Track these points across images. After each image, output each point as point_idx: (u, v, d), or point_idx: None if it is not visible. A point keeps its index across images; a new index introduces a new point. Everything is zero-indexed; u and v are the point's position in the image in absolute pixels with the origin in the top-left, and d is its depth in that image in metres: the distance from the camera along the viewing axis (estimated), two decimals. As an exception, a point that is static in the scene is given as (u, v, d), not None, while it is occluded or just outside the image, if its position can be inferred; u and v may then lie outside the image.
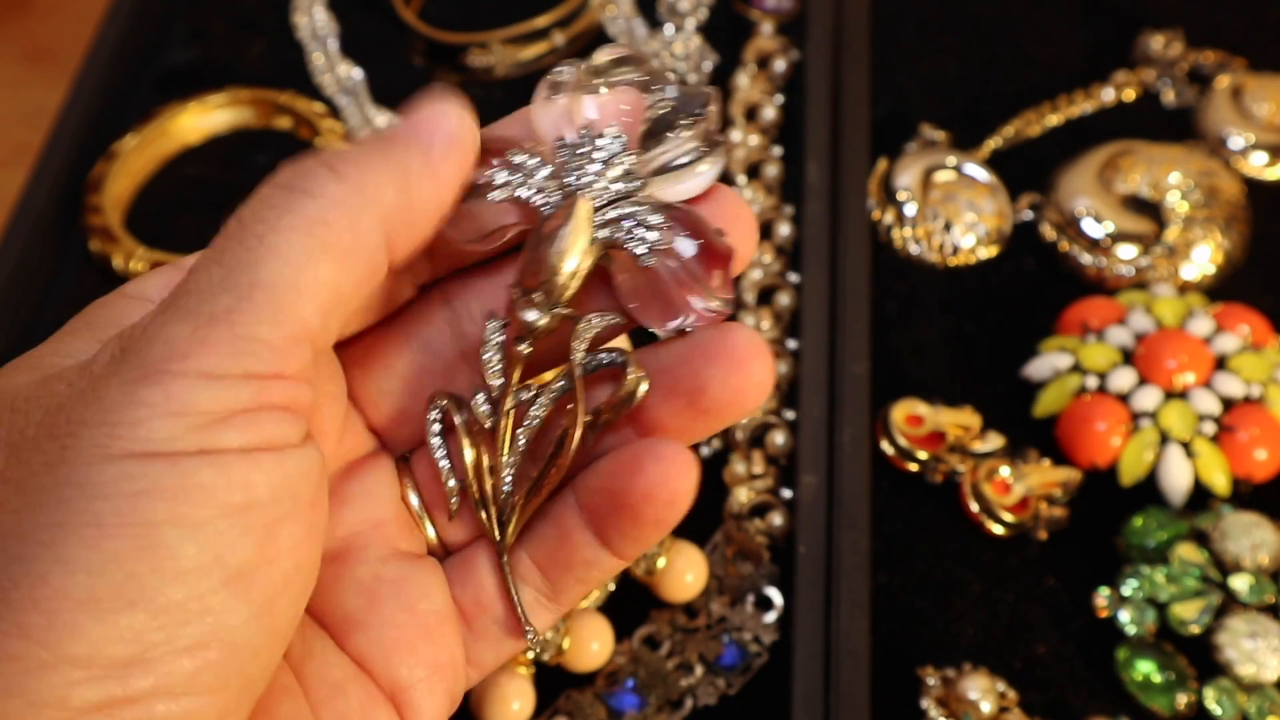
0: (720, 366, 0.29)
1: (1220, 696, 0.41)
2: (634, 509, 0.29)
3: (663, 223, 0.29)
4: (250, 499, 0.25)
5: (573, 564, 0.31)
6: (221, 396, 0.25)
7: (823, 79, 0.56)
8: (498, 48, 0.59)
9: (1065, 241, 0.53)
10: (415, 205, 0.28)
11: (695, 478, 0.29)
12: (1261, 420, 0.46)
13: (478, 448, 0.31)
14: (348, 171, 0.27)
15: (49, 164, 0.55)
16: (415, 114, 0.29)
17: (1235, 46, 0.59)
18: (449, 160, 0.29)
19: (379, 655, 0.30)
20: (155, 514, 0.24)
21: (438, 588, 0.31)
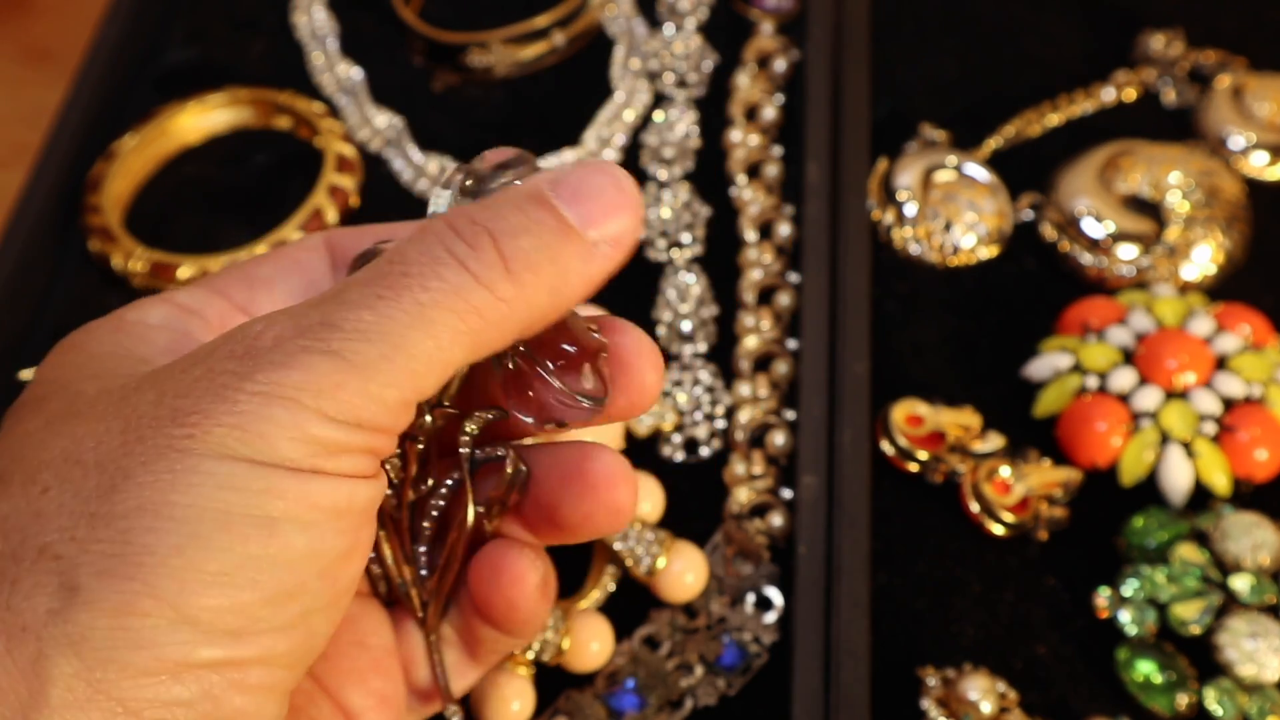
0: (573, 490, 0.32)
1: (1221, 697, 0.41)
2: (498, 613, 0.34)
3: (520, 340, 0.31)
4: (344, 509, 0.28)
5: (479, 640, 0.35)
6: (338, 436, 0.27)
7: (823, 79, 0.56)
8: (498, 48, 0.59)
9: (1065, 241, 0.53)
10: (554, 310, 0.29)
11: (543, 580, 0.33)
12: (1262, 420, 0.46)
13: (392, 537, 0.34)
14: (517, 270, 0.28)
15: (49, 164, 0.55)
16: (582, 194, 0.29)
17: (1235, 46, 0.59)
18: (608, 263, 0.29)
19: (334, 682, 0.34)
20: (275, 510, 0.26)
21: (384, 628, 0.35)
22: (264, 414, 0.27)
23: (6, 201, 0.55)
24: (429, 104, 0.59)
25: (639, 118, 0.58)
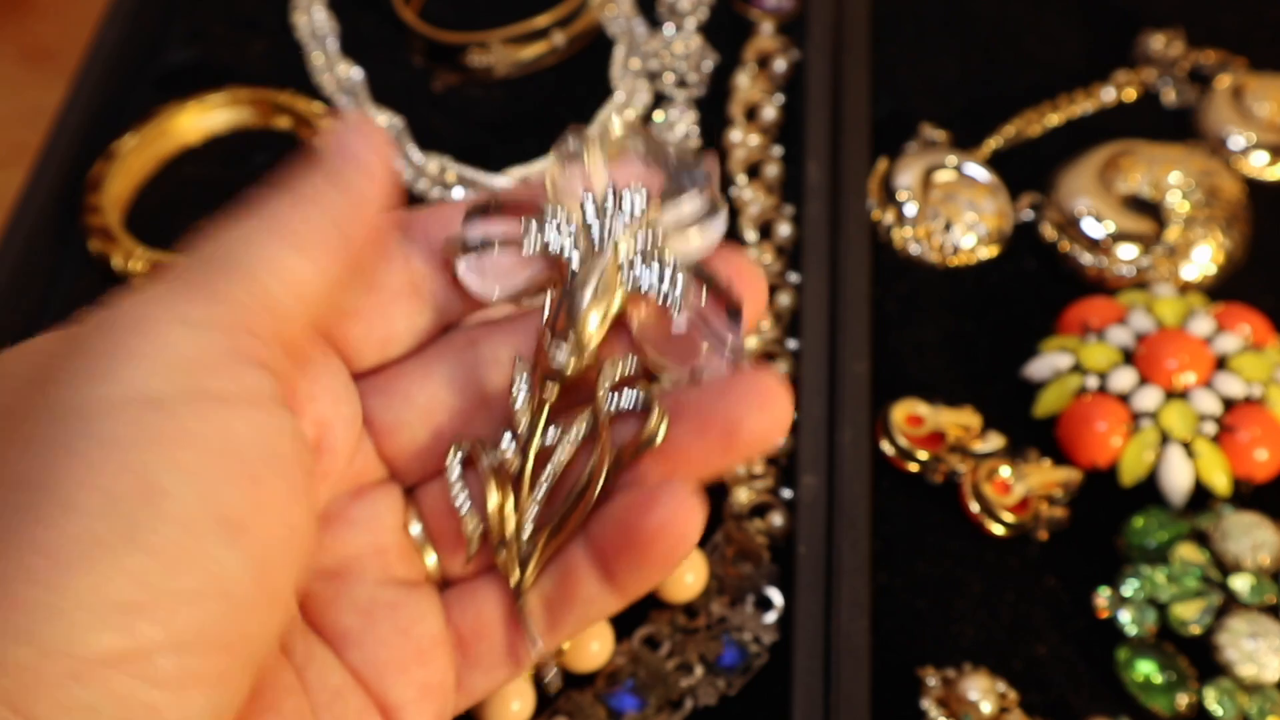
0: (753, 407, 0.31)
1: (1221, 697, 0.41)
2: (643, 547, 0.31)
3: (684, 275, 0.32)
4: (234, 446, 0.25)
5: (574, 600, 0.33)
6: (199, 341, 0.26)
7: (823, 79, 0.56)
8: (498, 48, 0.59)
9: (1065, 241, 0.53)
10: (356, 197, 0.30)
11: (702, 523, 0.31)
12: (1262, 420, 0.46)
13: (503, 490, 0.32)
14: (291, 184, 0.30)
15: (49, 164, 0.55)
16: (328, 134, 0.32)
17: (1235, 46, 0.59)
18: (368, 150, 0.31)
19: (372, 673, 0.32)
20: (146, 455, 0.24)
21: (433, 614, 0.33)
22: (120, 348, 0.25)
23: (6, 201, 0.55)
24: (429, 104, 0.59)
25: (639, 118, 0.58)
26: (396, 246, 0.33)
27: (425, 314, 0.33)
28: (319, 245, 0.29)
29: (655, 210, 0.32)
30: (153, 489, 0.24)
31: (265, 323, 0.27)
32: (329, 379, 0.32)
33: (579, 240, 0.32)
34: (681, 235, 0.33)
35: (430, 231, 0.33)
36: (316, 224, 0.29)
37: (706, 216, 0.33)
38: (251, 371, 0.27)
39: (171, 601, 0.24)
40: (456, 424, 0.33)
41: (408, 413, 0.33)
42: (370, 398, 0.33)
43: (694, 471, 0.32)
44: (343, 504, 0.33)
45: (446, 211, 0.34)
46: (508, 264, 0.33)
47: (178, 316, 0.26)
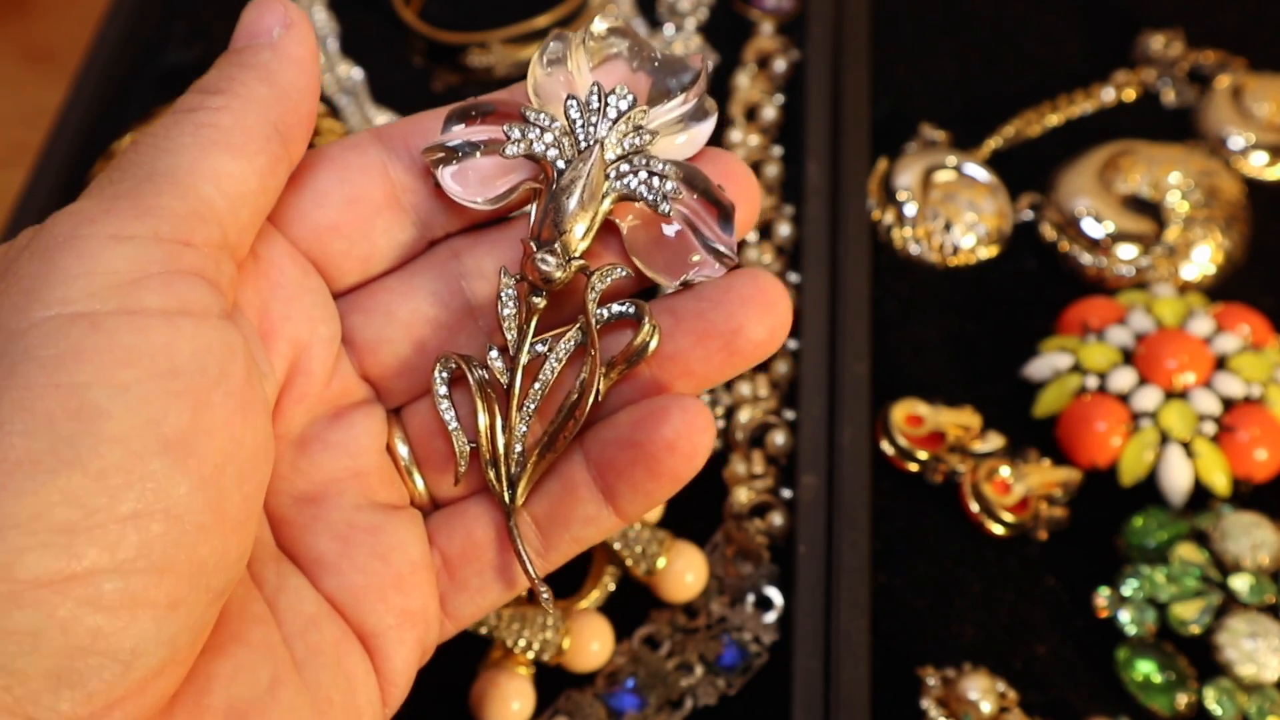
0: (755, 308, 0.30)
1: (1220, 696, 0.41)
2: (654, 458, 0.30)
3: (675, 173, 0.31)
4: (174, 363, 0.25)
5: (571, 520, 0.32)
6: (133, 256, 0.25)
7: (823, 79, 0.56)
8: (498, 48, 0.59)
9: (1065, 241, 0.53)
10: (288, 90, 0.30)
11: (714, 433, 0.30)
12: (1262, 420, 0.46)
13: (491, 406, 0.31)
14: (218, 85, 0.29)
15: (49, 164, 0.55)
16: (243, 23, 0.31)
17: (1235, 46, 0.59)
18: (294, 41, 0.30)
19: (349, 600, 0.31)
20: (82, 374, 0.23)
21: (414, 539, 0.32)
22: (48, 265, 0.24)
23: (7, 201, 0.55)
24: (429, 104, 0.59)
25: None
26: (376, 158, 0.32)
27: (407, 227, 0.32)
28: (256, 146, 0.28)
29: (641, 112, 0.31)
30: (91, 408, 0.23)
31: (202, 232, 0.27)
32: (306, 298, 0.31)
33: (563, 143, 0.31)
34: (669, 137, 0.32)
35: (410, 142, 0.32)
36: (252, 126, 0.29)
37: (695, 118, 0.32)
38: (189, 284, 0.26)
39: (114, 524, 0.23)
40: (441, 339, 0.32)
41: (390, 329, 0.32)
42: (351, 315, 0.32)
43: (696, 382, 0.31)
44: (321, 426, 0.32)
45: (426, 121, 0.33)
46: (490, 169, 0.32)
47: (109, 232, 0.25)
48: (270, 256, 0.31)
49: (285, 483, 0.31)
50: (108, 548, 0.23)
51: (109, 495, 0.23)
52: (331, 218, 0.31)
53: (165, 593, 0.24)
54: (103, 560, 0.23)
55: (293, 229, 0.31)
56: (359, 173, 0.32)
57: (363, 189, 0.31)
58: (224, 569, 0.26)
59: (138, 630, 0.23)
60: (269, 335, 0.30)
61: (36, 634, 0.22)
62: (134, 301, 0.25)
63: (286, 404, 0.31)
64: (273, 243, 0.31)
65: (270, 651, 0.28)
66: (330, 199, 0.31)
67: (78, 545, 0.23)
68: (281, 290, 0.31)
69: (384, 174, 0.32)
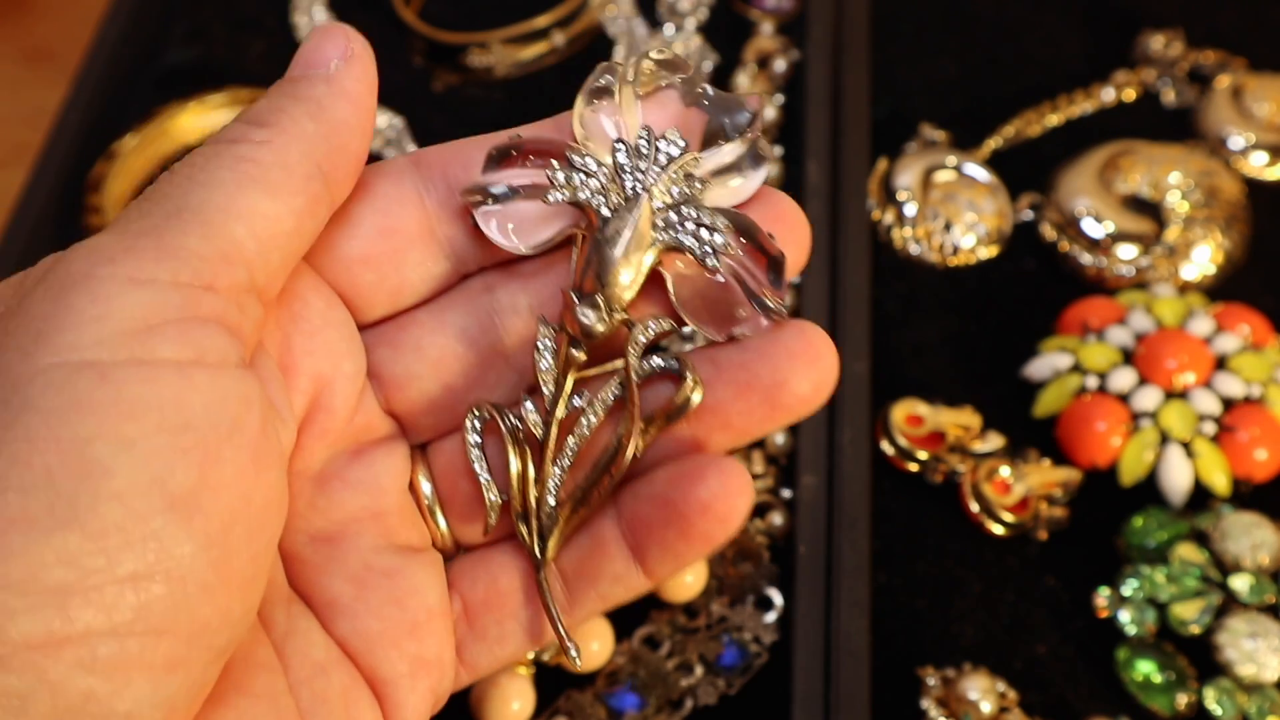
0: (802, 362, 0.29)
1: (1220, 696, 0.41)
2: (687, 520, 0.29)
3: (725, 226, 0.29)
4: (185, 417, 0.23)
5: (599, 577, 0.31)
6: (150, 301, 0.24)
7: (823, 79, 0.56)
8: (498, 48, 0.59)
9: (1065, 241, 0.53)
10: (338, 128, 0.28)
11: (751, 498, 0.29)
12: (1262, 420, 0.46)
13: (524, 458, 0.30)
14: (265, 118, 0.28)
15: (49, 164, 0.55)
16: (304, 50, 0.29)
17: (1235, 46, 0.59)
18: (352, 75, 0.29)
19: (362, 646, 0.30)
20: (86, 428, 0.22)
21: (433, 584, 0.31)
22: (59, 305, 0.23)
23: (7, 201, 0.55)
24: (429, 104, 0.59)
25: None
26: (411, 187, 0.30)
27: (440, 261, 0.31)
28: (296, 186, 0.27)
29: (693, 159, 0.30)
30: (93, 465, 0.22)
31: (227, 275, 0.25)
32: (330, 332, 0.30)
33: (609, 189, 0.30)
34: (721, 183, 0.30)
35: (449, 172, 0.31)
36: (294, 164, 0.27)
37: (749, 164, 0.30)
38: (207, 332, 0.25)
39: (111, 585, 0.22)
40: (471, 377, 0.31)
41: (418, 365, 0.31)
42: (378, 349, 0.31)
43: (734, 436, 0.30)
44: (341, 464, 0.30)
45: (466, 150, 0.31)
46: (532, 214, 0.30)
47: (127, 273, 0.24)
48: (295, 288, 0.30)
49: (302, 520, 0.30)
50: (104, 610, 0.22)
51: (107, 556, 0.22)
52: (362, 249, 0.30)
53: (163, 654, 0.23)
54: (98, 622, 0.22)
55: (320, 259, 0.30)
56: (394, 203, 0.30)
57: (396, 220, 0.30)
58: (228, 628, 0.25)
59: (133, 693, 0.23)
60: (290, 370, 0.29)
61: (25, 696, 0.21)
62: (146, 351, 0.23)
63: (306, 440, 0.30)
64: (298, 273, 0.30)
65: (274, 702, 0.27)
66: (361, 229, 0.30)
67: (72, 607, 0.22)
68: (305, 324, 0.29)
69: (419, 205, 0.30)
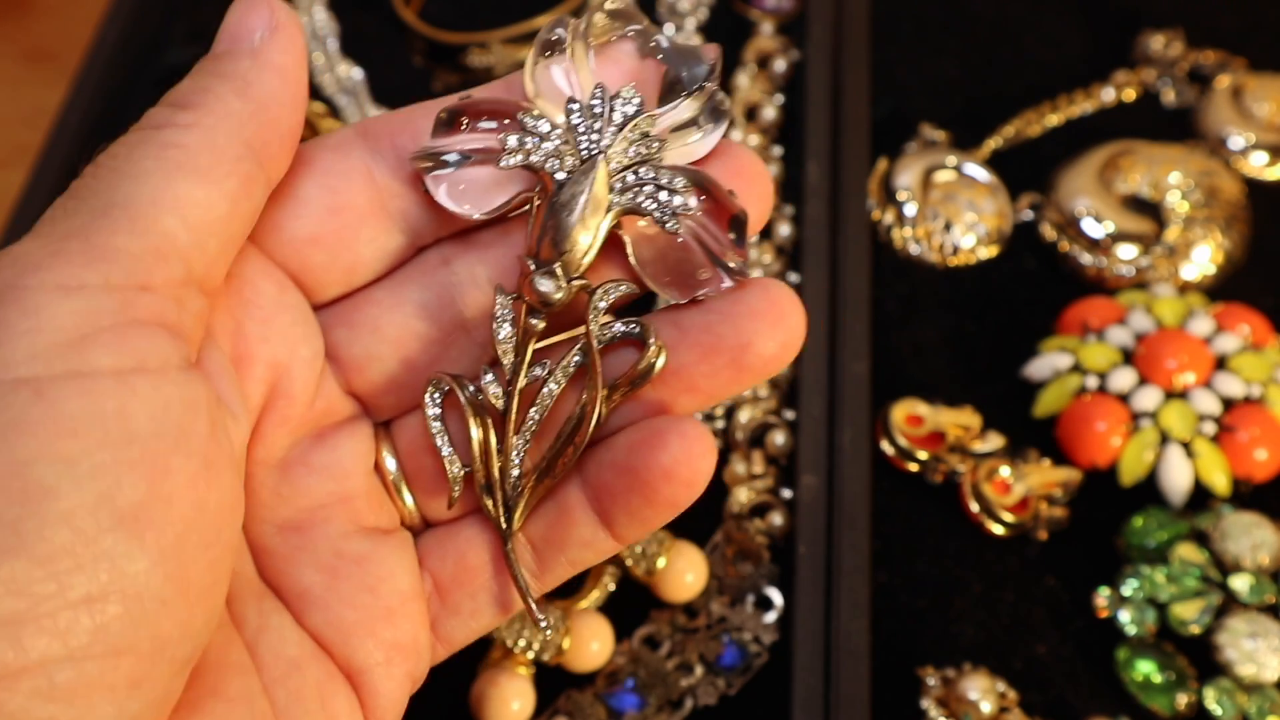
0: (766, 322, 0.28)
1: (1220, 696, 0.41)
2: (650, 486, 0.28)
3: (684, 186, 0.28)
4: (128, 429, 0.22)
5: (568, 544, 0.30)
6: (82, 309, 0.23)
7: (823, 79, 0.56)
8: (498, 48, 0.59)
9: (1065, 241, 0.53)
10: (267, 104, 0.27)
11: (715, 458, 0.28)
12: (1262, 420, 0.46)
13: (486, 430, 0.30)
14: (189, 99, 0.27)
15: (49, 164, 0.55)
16: (227, 24, 0.28)
17: (1235, 46, 0.59)
18: (278, 48, 0.28)
19: (336, 636, 0.29)
20: (25, 449, 0.21)
21: (404, 566, 0.30)
22: None
23: (7, 201, 0.55)
24: (429, 104, 0.59)
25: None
26: (359, 160, 0.29)
27: (394, 235, 0.30)
28: (226, 168, 0.26)
29: (649, 118, 0.29)
30: (36, 487, 0.21)
31: (162, 271, 0.24)
32: (284, 316, 0.29)
33: (564, 152, 0.29)
34: (679, 140, 0.29)
35: (397, 141, 0.29)
36: (222, 145, 0.26)
37: (707, 119, 0.29)
38: (146, 336, 0.24)
39: (65, 610, 0.21)
40: (432, 353, 0.30)
41: (377, 345, 0.30)
42: (335, 330, 0.30)
43: (701, 399, 0.29)
44: (304, 450, 0.30)
45: (415, 118, 0.30)
46: (485, 179, 0.29)
47: (56, 281, 0.23)
48: (244, 273, 0.29)
49: (268, 510, 0.29)
50: (58, 636, 0.21)
51: (58, 580, 0.21)
52: (311, 228, 0.29)
53: (124, 674, 0.22)
54: (54, 650, 0.21)
55: (268, 242, 0.29)
56: (341, 178, 0.29)
57: (345, 196, 0.29)
58: (189, 639, 0.24)
59: (96, 715, 0.22)
60: (245, 359, 0.28)
61: None
62: (83, 362, 0.22)
63: (266, 428, 0.29)
64: (247, 258, 0.29)
65: (249, 704, 0.27)
66: (309, 208, 0.29)
67: (25, 637, 0.21)
68: (257, 310, 0.28)
69: (368, 178, 0.29)
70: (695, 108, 0.29)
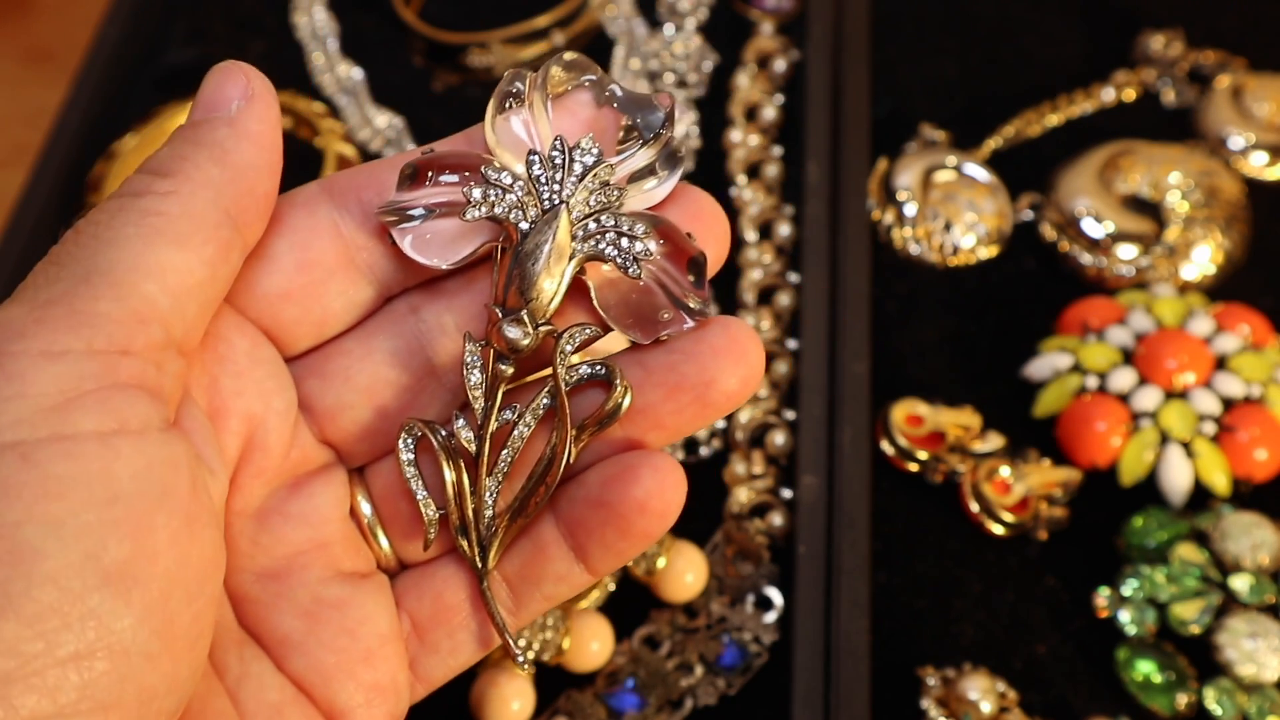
0: (728, 360, 0.29)
1: (1220, 696, 0.41)
2: (625, 519, 0.29)
3: (644, 232, 0.30)
4: (112, 489, 0.23)
5: (543, 579, 0.31)
6: (66, 374, 0.23)
7: (823, 79, 0.56)
8: (498, 48, 0.59)
9: (1065, 241, 0.53)
10: (244, 171, 0.28)
11: (685, 491, 0.29)
12: (1261, 420, 0.46)
13: (459, 472, 0.31)
14: (168, 166, 0.27)
15: (49, 164, 0.55)
16: (203, 92, 0.29)
17: (1235, 46, 0.59)
18: (254, 116, 0.29)
19: (318, 679, 0.30)
20: (13, 512, 0.22)
21: (381, 609, 0.31)
22: None
23: (7, 201, 0.55)
24: (429, 104, 0.59)
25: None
26: (326, 216, 0.30)
27: (363, 288, 0.31)
28: (204, 236, 0.27)
29: (608, 168, 0.30)
30: (23, 549, 0.22)
31: (142, 336, 0.25)
32: (258, 370, 0.30)
33: (526, 203, 0.30)
34: (637, 187, 0.30)
35: (363, 196, 0.30)
36: (201, 213, 0.27)
37: (663, 166, 0.30)
38: (127, 398, 0.24)
39: (53, 668, 0.22)
40: (403, 401, 0.31)
41: (349, 394, 0.31)
42: (307, 380, 0.31)
43: (667, 435, 0.30)
44: (280, 499, 0.31)
45: (379, 172, 0.31)
46: (451, 231, 0.30)
47: (40, 347, 0.24)
48: (218, 330, 0.29)
49: (247, 560, 0.30)
50: (47, 694, 0.22)
51: (46, 640, 0.22)
52: (282, 285, 0.30)
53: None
54: (42, 707, 0.22)
55: (241, 299, 0.30)
56: (309, 234, 0.30)
57: (314, 252, 0.30)
58: (175, 691, 0.25)
59: None
60: (220, 413, 0.29)
61: None
62: (67, 425, 0.23)
63: (243, 480, 0.30)
64: (220, 315, 0.29)
65: None
66: (280, 265, 0.30)
67: (14, 695, 0.21)
68: (231, 365, 0.29)
69: (335, 233, 0.30)
70: (651, 155, 0.30)
